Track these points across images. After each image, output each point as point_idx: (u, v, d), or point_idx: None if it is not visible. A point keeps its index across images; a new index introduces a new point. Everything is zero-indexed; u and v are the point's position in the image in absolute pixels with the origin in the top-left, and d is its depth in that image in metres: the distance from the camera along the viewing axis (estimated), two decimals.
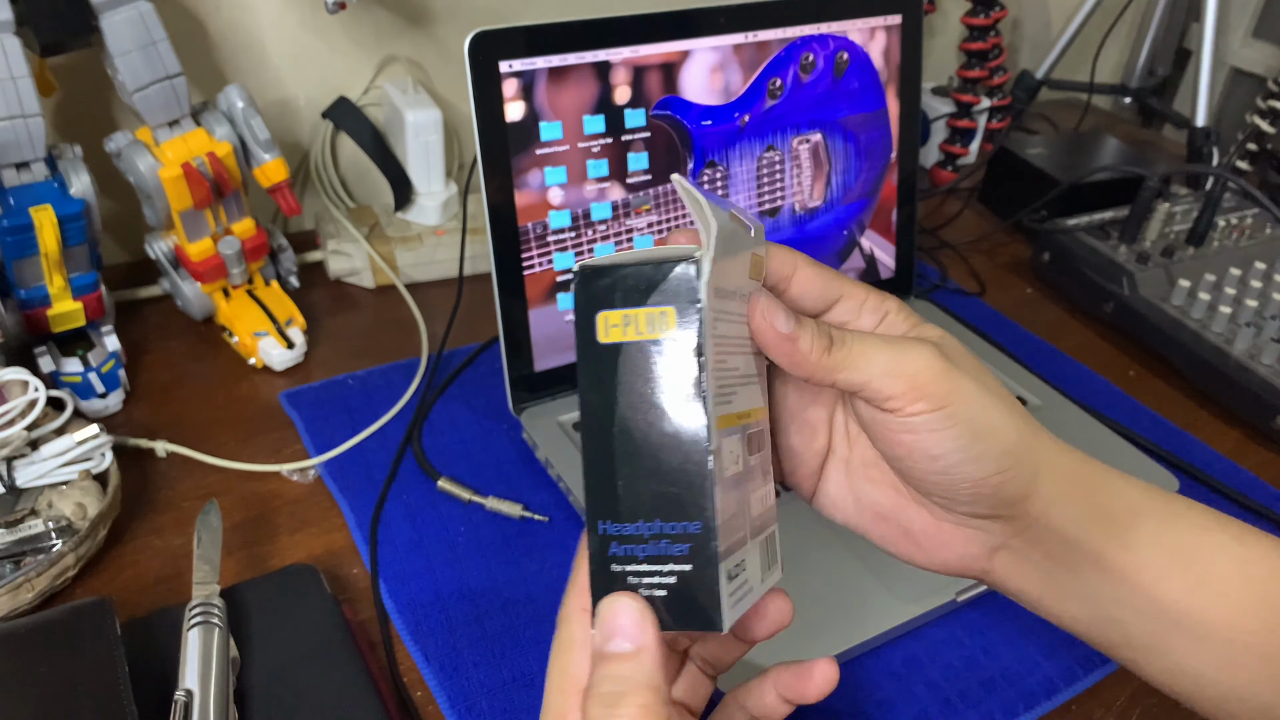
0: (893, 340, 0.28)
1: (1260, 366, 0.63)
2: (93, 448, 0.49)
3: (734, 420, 0.27)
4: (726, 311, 0.26)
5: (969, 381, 0.28)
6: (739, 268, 0.27)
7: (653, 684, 0.24)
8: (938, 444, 0.28)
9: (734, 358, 0.27)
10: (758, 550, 0.28)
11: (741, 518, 0.27)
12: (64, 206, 0.55)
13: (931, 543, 0.31)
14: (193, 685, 0.38)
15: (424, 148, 0.75)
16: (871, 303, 0.31)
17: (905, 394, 0.27)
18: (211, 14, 0.70)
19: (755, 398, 0.29)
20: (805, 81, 0.59)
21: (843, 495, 0.33)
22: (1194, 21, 1.12)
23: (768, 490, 0.29)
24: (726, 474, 0.26)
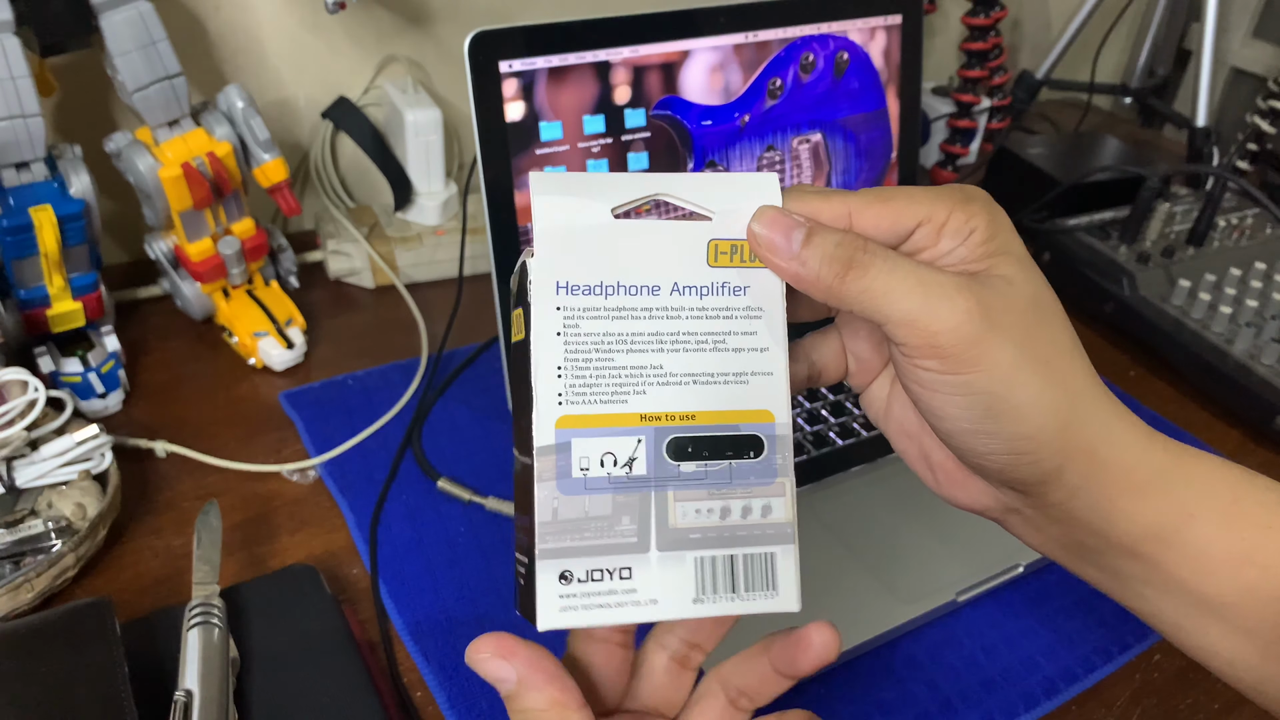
0: (929, 279, 0.25)
1: (1260, 366, 0.63)
2: (92, 448, 0.49)
3: (622, 420, 0.25)
4: (626, 309, 0.26)
5: (1005, 350, 0.24)
6: (661, 255, 0.26)
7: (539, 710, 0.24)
8: (943, 407, 0.26)
9: (648, 355, 0.26)
10: (685, 565, 0.26)
11: (613, 523, 0.25)
12: (64, 206, 0.55)
13: (947, 479, 0.29)
14: (192, 685, 0.38)
15: (424, 147, 0.74)
16: (955, 223, 0.26)
17: (920, 347, 0.25)
18: (211, 14, 0.70)
19: (711, 398, 0.26)
20: (805, 81, 0.59)
21: (881, 399, 0.31)
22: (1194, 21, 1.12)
23: (747, 504, 0.27)
24: (579, 475, 0.25)
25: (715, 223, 0.27)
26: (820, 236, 0.25)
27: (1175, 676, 0.46)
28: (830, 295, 0.25)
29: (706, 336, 0.26)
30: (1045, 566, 0.50)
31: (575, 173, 0.27)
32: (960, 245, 0.26)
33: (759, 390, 0.27)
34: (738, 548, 0.26)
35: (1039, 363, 0.25)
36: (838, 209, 0.26)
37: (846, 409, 0.59)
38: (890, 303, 0.24)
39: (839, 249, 0.25)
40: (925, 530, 0.51)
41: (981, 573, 0.48)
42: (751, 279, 0.27)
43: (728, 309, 0.26)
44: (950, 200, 0.26)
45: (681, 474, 0.26)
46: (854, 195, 0.26)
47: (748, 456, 0.26)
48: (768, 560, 0.26)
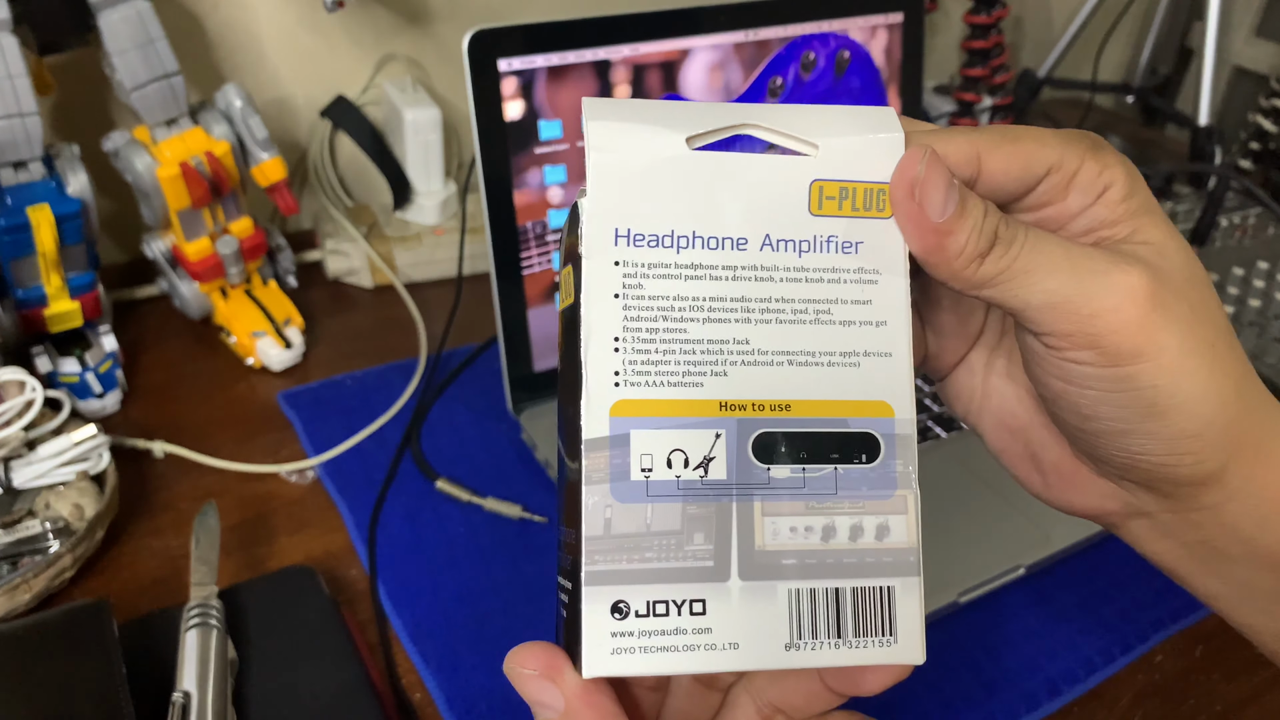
0: (1078, 253, 0.21)
1: (1263, 367, 0.63)
2: (90, 448, 0.49)
3: (697, 409, 0.20)
4: (704, 266, 0.21)
5: (1173, 334, 0.21)
6: (751, 199, 0.21)
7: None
8: (1095, 405, 0.22)
9: (731, 326, 0.21)
10: (777, 600, 0.20)
11: (684, 541, 0.20)
12: (61, 206, 0.55)
13: (1060, 480, 0.26)
14: (190, 687, 0.38)
15: (423, 147, 0.74)
16: (1086, 176, 0.22)
17: (1072, 335, 0.21)
18: (209, 12, 0.70)
19: (812, 384, 0.21)
20: (806, 80, 0.59)
21: (972, 387, 0.27)
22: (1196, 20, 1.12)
23: (857, 522, 0.21)
24: (639, 477, 0.20)
25: (820, 159, 0.21)
26: (974, 203, 0.21)
27: (1177, 678, 0.46)
28: (961, 277, 0.21)
29: (806, 305, 0.21)
30: (1047, 568, 0.50)
31: (638, 100, 0.22)
32: (1095, 204, 0.22)
33: (874, 375, 0.21)
34: (845, 579, 0.21)
35: (1205, 347, 0.21)
36: (965, 150, 0.22)
37: None
38: (1033, 284, 0.21)
39: (987, 222, 0.21)
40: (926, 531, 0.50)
41: (983, 574, 0.48)
42: (867, 232, 0.21)
43: (834, 270, 0.21)
44: (1080, 147, 0.22)
45: (773, 480, 0.21)
46: (980, 134, 0.22)
47: (858, 461, 0.21)
48: (884, 596, 0.21)
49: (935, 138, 0.22)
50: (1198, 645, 0.47)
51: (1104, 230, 0.22)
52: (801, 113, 0.22)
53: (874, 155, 0.21)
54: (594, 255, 0.20)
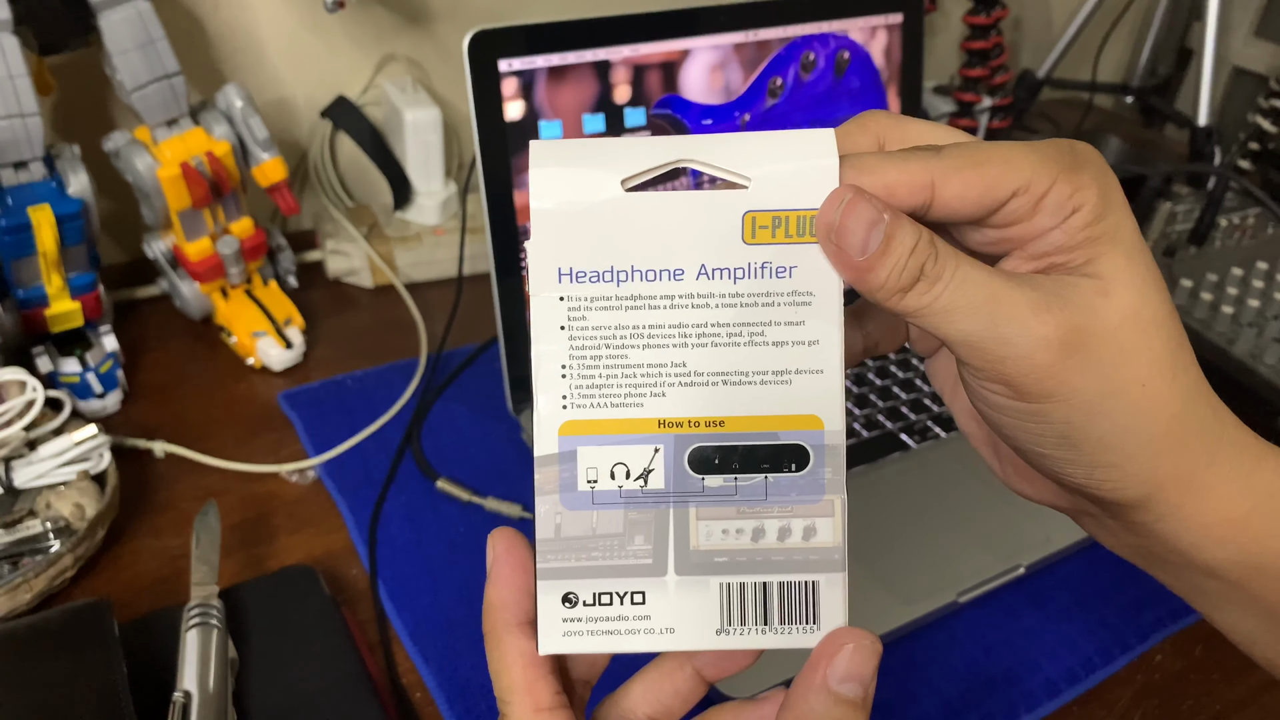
0: (1002, 295, 0.21)
1: (1262, 367, 0.63)
2: (91, 448, 0.49)
3: (637, 426, 0.23)
4: (642, 297, 0.22)
5: (1088, 379, 0.21)
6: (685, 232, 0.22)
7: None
8: (1013, 430, 0.23)
9: (669, 351, 0.23)
10: (709, 592, 0.23)
11: (625, 542, 0.23)
12: (62, 206, 0.55)
13: (1016, 472, 0.27)
14: (191, 686, 0.38)
15: (423, 147, 0.74)
16: (1056, 196, 0.21)
17: (985, 371, 0.22)
18: (210, 13, 0.70)
19: (745, 401, 0.23)
20: (806, 80, 0.59)
21: (949, 375, 0.28)
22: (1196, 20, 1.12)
23: (785, 524, 0.23)
24: (585, 488, 0.23)
25: (752, 190, 0.22)
26: (899, 241, 0.21)
27: (1176, 677, 0.46)
28: (887, 305, 0.22)
29: (741, 328, 0.23)
30: (1046, 567, 0.50)
31: (582, 139, 0.24)
32: (1058, 227, 0.22)
33: (805, 391, 0.23)
34: (773, 574, 0.23)
35: (1132, 387, 0.21)
36: (918, 178, 0.21)
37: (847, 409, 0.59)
38: (950, 321, 0.21)
39: (913, 259, 0.21)
40: (926, 530, 0.51)
41: (983, 573, 0.48)
42: (800, 257, 0.22)
43: (768, 294, 0.22)
44: (1055, 166, 0.21)
45: (706, 489, 0.23)
46: (940, 158, 0.21)
47: (788, 469, 0.23)
48: (809, 589, 0.23)
49: (887, 163, 0.22)
50: (1197, 645, 0.47)
51: (1058, 256, 0.22)
52: (739, 142, 0.22)
53: (806, 183, 0.22)
54: (540, 293, 0.23)
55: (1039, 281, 0.22)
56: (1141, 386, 0.22)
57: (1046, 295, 0.21)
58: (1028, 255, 0.23)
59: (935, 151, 0.22)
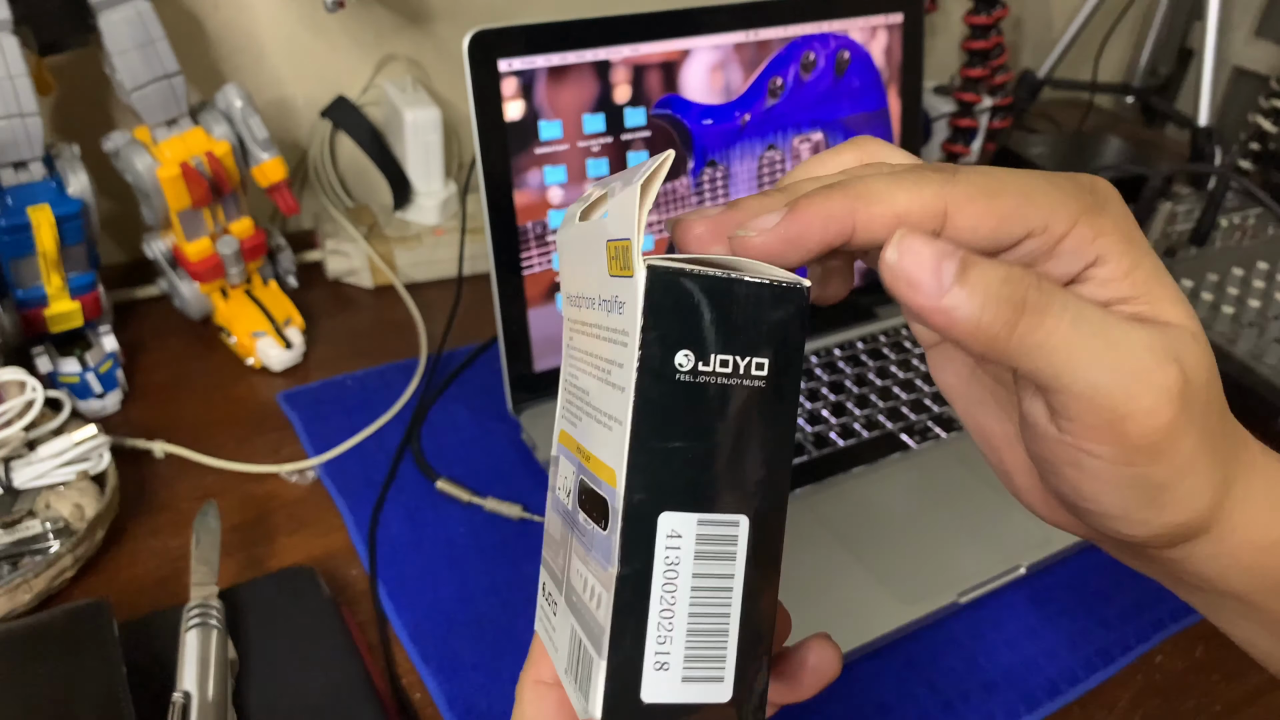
0: (1120, 339, 0.19)
1: (1263, 367, 0.63)
2: (90, 448, 0.49)
3: (572, 447, 0.23)
4: (584, 324, 0.22)
5: (1191, 434, 0.19)
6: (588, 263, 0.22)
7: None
8: (1097, 494, 0.21)
9: (586, 378, 0.22)
10: (567, 629, 0.22)
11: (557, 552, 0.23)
12: (62, 206, 0.55)
13: (1030, 494, 0.24)
14: (190, 687, 0.38)
15: (423, 147, 0.74)
16: (1077, 240, 0.19)
17: (1097, 430, 0.19)
18: (210, 13, 0.70)
19: (600, 440, 0.21)
20: (806, 80, 0.59)
21: (960, 375, 0.25)
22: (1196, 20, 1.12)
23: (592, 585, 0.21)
24: (554, 493, 0.24)
25: (609, 218, 0.21)
26: (980, 271, 0.18)
27: (1177, 678, 0.46)
28: (991, 349, 0.18)
29: (604, 363, 0.21)
30: (1047, 568, 0.50)
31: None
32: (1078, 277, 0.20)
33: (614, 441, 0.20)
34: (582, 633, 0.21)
35: (1214, 439, 0.20)
36: (932, 205, 0.19)
37: (847, 409, 0.59)
38: (1073, 369, 0.18)
39: (1006, 287, 0.18)
40: (926, 531, 0.51)
41: (983, 574, 0.48)
42: (626, 292, 0.20)
43: (613, 331, 0.21)
44: (1075, 206, 0.19)
45: (578, 524, 0.22)
46: (955, 184, 0.19)
47: (601, 525, 0.20)
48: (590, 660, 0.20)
49: (898, 187, 0.20)
50: (1198, 645, 0.47)
51: (1128, 304, 0.20)
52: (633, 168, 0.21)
53: (623, 212, 0.20)
54: (563, 314, 0.25)
55: (1150, 328, 0.19)
56: (1215, 439, 0.20)
57: (1165, 341, 0.19)
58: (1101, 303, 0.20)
59: (950, 175, 0.20)
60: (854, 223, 0.20)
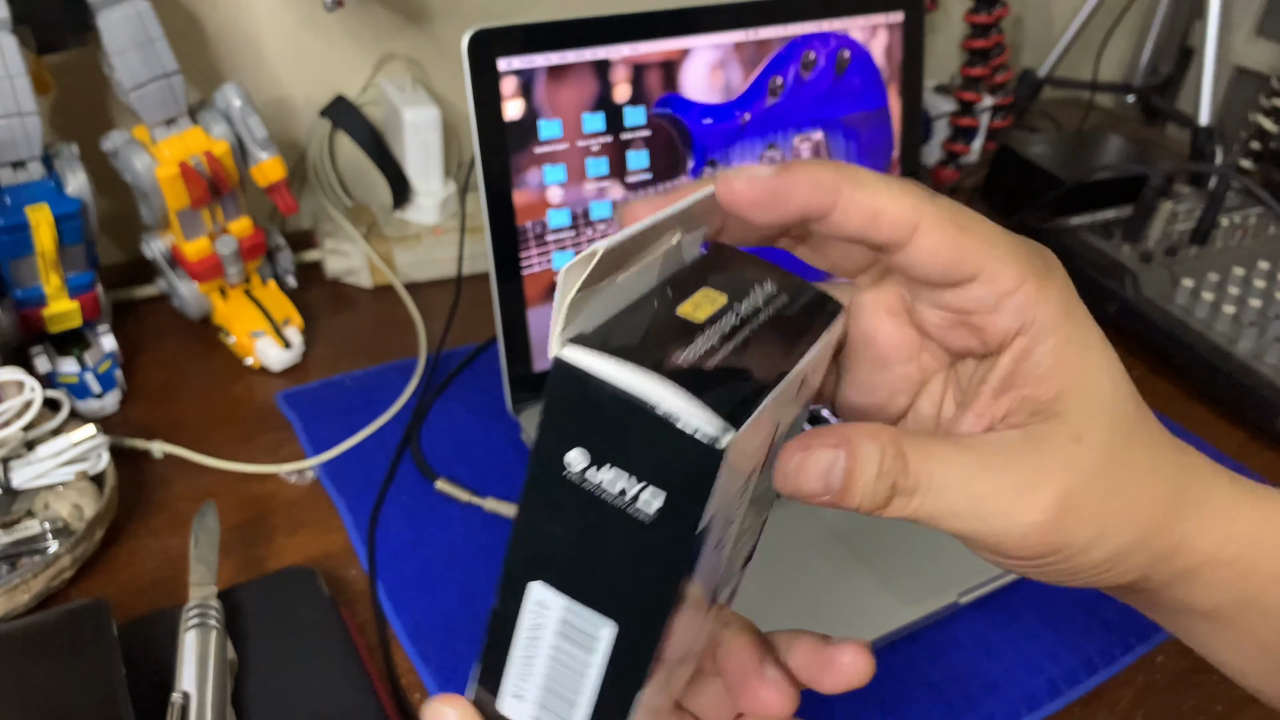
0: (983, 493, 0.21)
1: (1264, 367, 0.63)
2: (89, 448, 0.49)
3: None
4: None
5: (1088, 528, 0.21)
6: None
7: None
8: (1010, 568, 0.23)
9: None
10: None
11: None
12: (60, 206, 0.55)
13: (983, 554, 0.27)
14: (190, 688, 0.38)
15: (422, 146, 0.74)
16: (1019, 301, 0.21)
17: (984, 554, 0.22)
18: (208, 12, 0.70)
19: None
20: (806, 79, 0.59)
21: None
22: (1197, 19, 1.12)
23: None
24: None
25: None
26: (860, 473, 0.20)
27: (1178, 678, 0.46)
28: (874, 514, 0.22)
29: None
30: None
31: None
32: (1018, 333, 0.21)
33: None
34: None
35: (1124, 515, 0.22)
36: (906, 215, 0.21)
37: None
38: (942, 525, 0.21)
39: (880, 482, 0.21)
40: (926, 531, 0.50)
41: (984, 574, 0.48)
42: None
43: None
44: (1027, 267, 0.21)
45: None
46: (933, 204, 0.21)
47: None
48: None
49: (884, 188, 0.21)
50: None
51: (1029, 388, 0.22)
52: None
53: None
54: None
55: (1017, 455, 0.21)
56: (1129, 511, 0.22)
57: (1028, 472, 0.21)
58: (999, 388, 0.22)
59: (930, 196, 0.21)
60: (836, 199, 0.21)
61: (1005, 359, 0.22)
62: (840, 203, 0.21)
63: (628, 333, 0.19)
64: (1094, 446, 0.21)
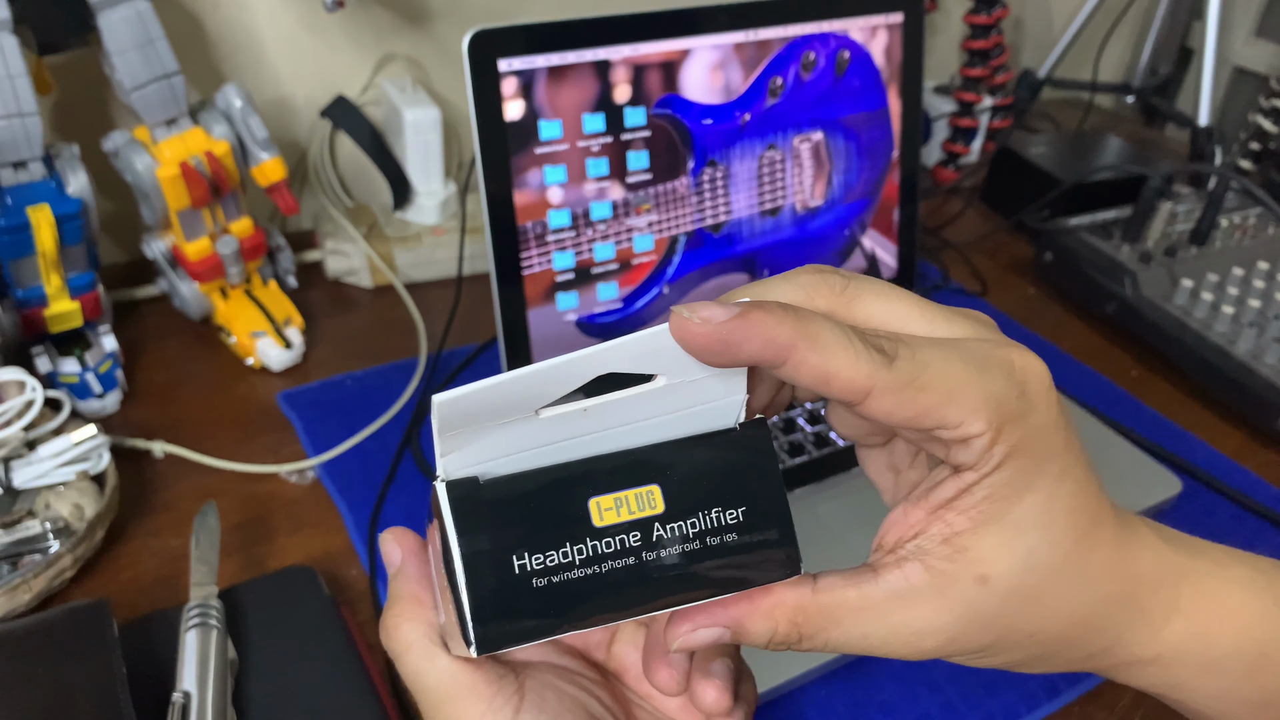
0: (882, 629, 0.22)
1: (1263, 367, 0.63)
2: (90, 448, 0.49)
3: None
4: None
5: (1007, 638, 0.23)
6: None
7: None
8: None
9: None
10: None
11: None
12: (61, 206, 0.55)
13: None
14: (190, 687, 0.38)
15: (423, 147, 0.74)
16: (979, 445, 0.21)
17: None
18: (209, 12, 0.70)
19: None
20: (806, 80, 0.59)
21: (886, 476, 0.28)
22: (1196, 20, 1.12)
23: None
24: None
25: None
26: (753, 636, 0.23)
27: None
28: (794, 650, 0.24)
29: None
30: None
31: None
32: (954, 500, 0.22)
33: None
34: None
35: (1048, 616, 0.23)
36: (858, 383, 0.21)
37: None
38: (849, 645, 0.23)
39: (779, 636, 0.23)
40: None
41: None
42: None
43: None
44: (996, 414, 0.21)
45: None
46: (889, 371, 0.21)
47: None
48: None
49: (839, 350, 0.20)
50: None
51: (956, 515, 0.22)
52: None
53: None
54: None
55: (918, 597, 0.22)
56: (1029, 637, 0.23)
57: (926, 618, 0.22)
58: (932, 507, 0.23)
59: (887, 361, 0.21)
60: (789, 357, 0.20)
61: (949, 485, 0.22)
62: (792, 360, 0.20)
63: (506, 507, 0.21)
64: (997, 588, 0.22)
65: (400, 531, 0.27)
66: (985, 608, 0.22)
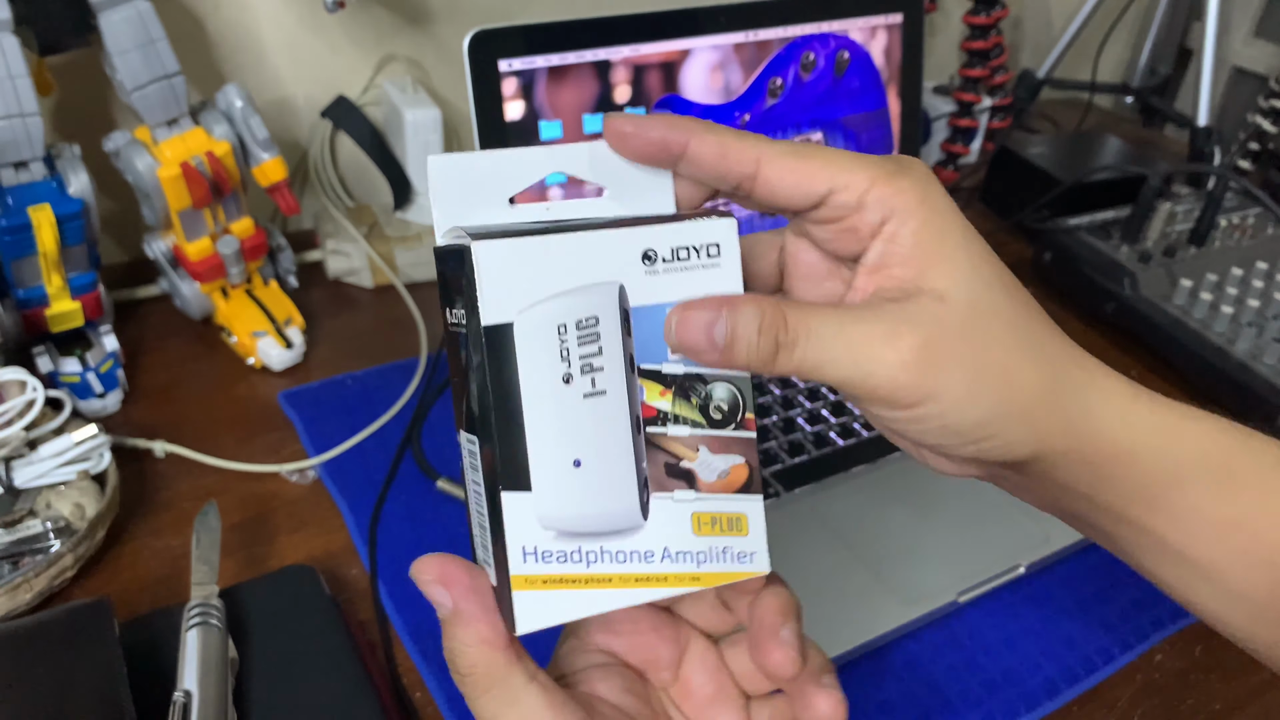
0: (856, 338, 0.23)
1: (1262, 367, 0.63)
2: (91, 448, 0.49)
3: None
4: None
5: (955, 376, 0.23)
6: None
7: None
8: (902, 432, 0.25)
9: None
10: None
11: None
12: (62, 206, 0.55)
13: (928, 454, 0.28)
14: (191, 686, 0.38)
15: (423, 147, 0.74)
16: (875, 196, 0.24)
17: (861, 399, 0.24)
18: (210, 13, 0.70)
19: None
20: (806, 80, 0.59)
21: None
22: (1195, 20, 1.12)
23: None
24: None
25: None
26: (743, 330, 0.23)
27: (1176, 677, 0.46)
28: (764, 373, 0.24)
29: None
30: (1046, 567, 0.50)
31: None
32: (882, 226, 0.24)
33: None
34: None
35: (995, 372, 0.24)
36: (748, 153, 0.24)
37: (847, 409, 0.59)
38: (824, 374, 0.24)
39: (763, 338, 0.23)
40: (926, 530, 0.51)
41: (982, 573, 0.48)
42: None
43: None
44: (875, 170, 0.24)
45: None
46: (769, 145, 0.24)
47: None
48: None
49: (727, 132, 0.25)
50: (1197, 645, 0.47)
51: (895, 268, 0.24)
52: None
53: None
54: None
55: (886, 310, 0.24)
56: (1003, 370, 0.24)
57: (894, 322, 0.24)
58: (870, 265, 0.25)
59: (768, 140, 0.25)
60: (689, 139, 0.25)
61: (875, 244, 0.25)
62: (694, 140, 0.24)
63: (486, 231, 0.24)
64: (955, 306, 0.24)
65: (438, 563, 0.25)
66: (949, 321, 0.24)
